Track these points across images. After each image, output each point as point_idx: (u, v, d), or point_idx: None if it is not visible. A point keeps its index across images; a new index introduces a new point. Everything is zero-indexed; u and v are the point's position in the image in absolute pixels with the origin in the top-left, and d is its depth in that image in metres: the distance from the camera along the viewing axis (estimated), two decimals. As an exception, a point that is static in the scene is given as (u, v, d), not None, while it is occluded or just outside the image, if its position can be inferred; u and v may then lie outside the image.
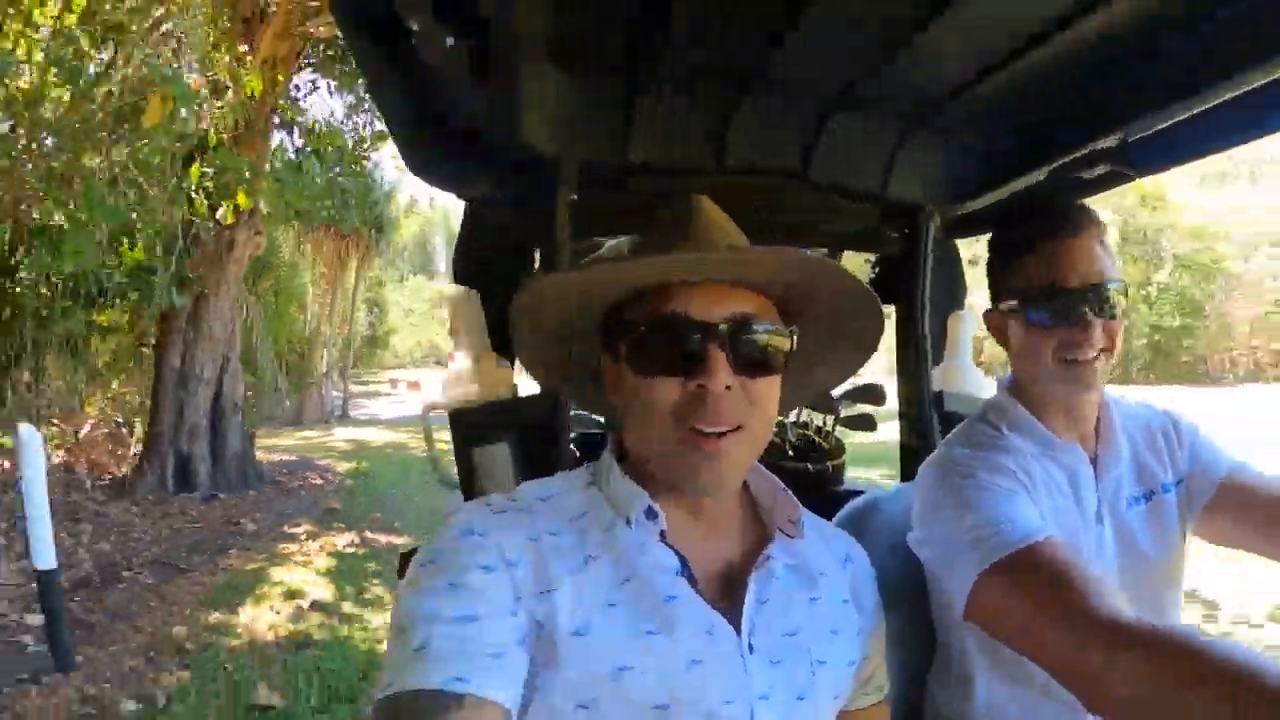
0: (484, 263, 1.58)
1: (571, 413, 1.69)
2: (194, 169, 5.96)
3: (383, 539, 6.86)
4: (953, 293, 1.99)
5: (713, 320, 0.87)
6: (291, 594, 5.28)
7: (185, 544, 6.31)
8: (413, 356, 47.18)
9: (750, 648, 0.88)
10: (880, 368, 2.93)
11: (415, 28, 1.10)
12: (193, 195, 6.13)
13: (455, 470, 1.53)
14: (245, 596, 5.21)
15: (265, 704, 3.62)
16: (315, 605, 5.10)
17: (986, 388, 1.91)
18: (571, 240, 1.51)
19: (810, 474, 2.19)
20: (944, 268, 1.95)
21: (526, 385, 1.55)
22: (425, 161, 1.45)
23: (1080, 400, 1.27)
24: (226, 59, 6.10)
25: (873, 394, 2.46)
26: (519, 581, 0.83)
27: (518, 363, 1.59)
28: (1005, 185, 1.68)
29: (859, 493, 1.95)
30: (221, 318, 7.86)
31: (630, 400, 0.92)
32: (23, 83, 4.28)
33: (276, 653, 4.30)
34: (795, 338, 0.94)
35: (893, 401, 2.17)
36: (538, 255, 1.69)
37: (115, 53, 5.04)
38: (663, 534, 0.91)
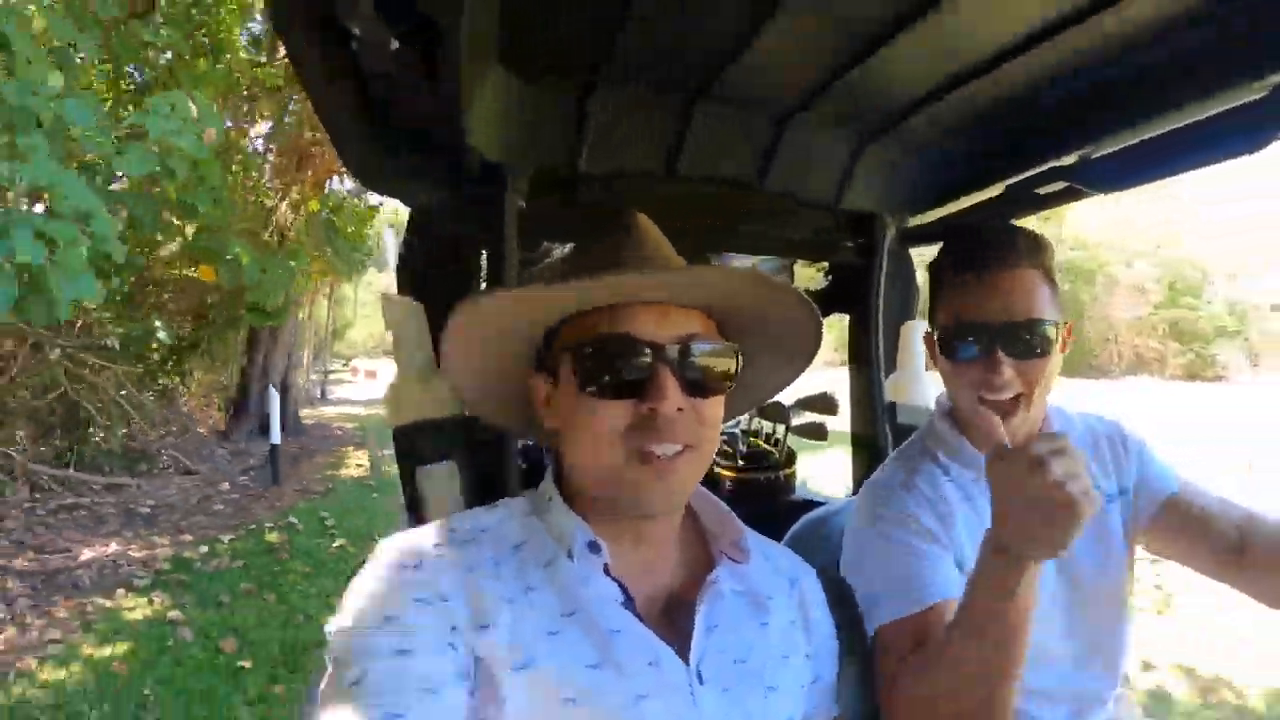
0: (429, 273, 1.49)
1: None
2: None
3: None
4: (906, 303, 2.00)
5: (661, 341, 0.86)
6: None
7: (290, 454, 9.84)
8: (365, 346, 49.72)
9: (700, 677, 0.87)
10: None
11: (358, 31, 1.04)
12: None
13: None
14: (340, 468, 9.65)
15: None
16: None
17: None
18: (520, 249, 1.46)
19: (761, 483, 2.18)
20: (898, 278, 1.96)
21: None
22: (370, 167, 1.37)
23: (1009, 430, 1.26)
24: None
25: (826, 403, 2.46)
26: (455, 615, 0.81)
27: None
28: (962, 198, 1.69)
29: (810, 501, 1.95)
30: (290, 330, 11.79)
31: (575, 422, 0.89)
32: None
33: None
34: (740, 357, 0.93)
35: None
36: (484, 264, 1.62)
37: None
38: (606, 567, 0.89)
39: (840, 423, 2.30)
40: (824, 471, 6.63)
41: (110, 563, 5.02)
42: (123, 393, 7.45)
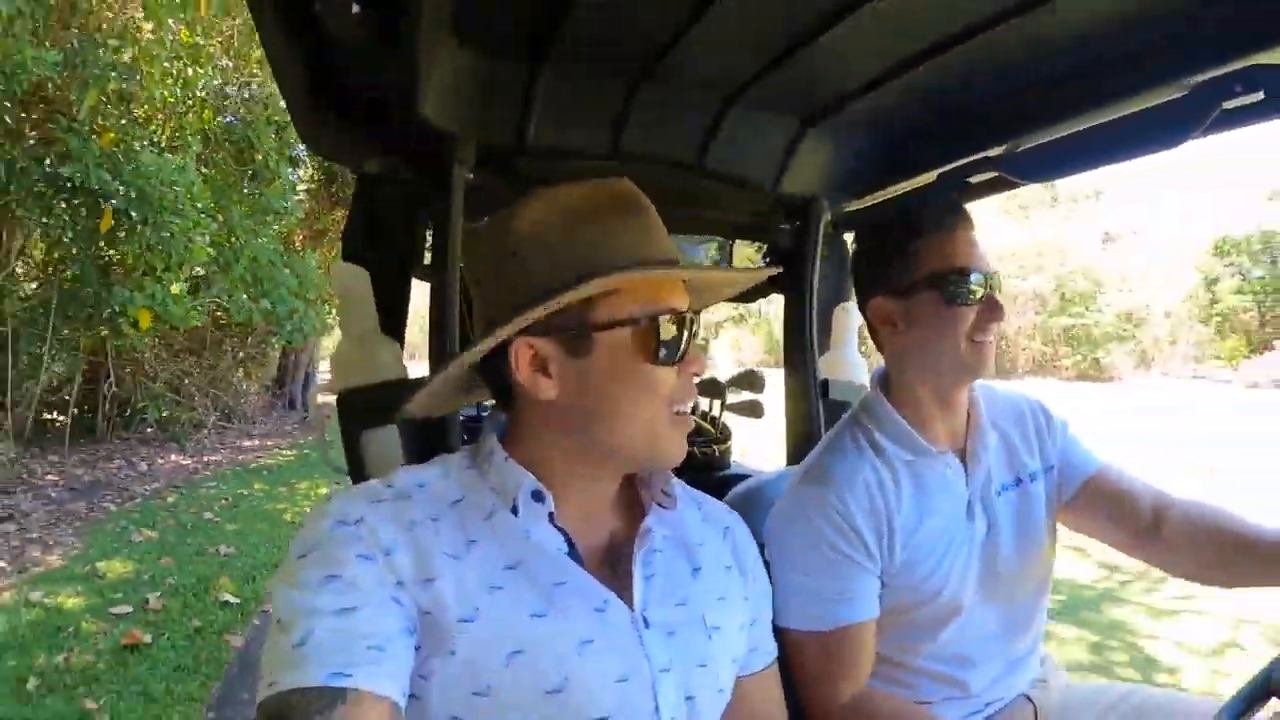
0: (374, 240, 1.49)
1: None
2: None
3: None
4: (839, 285, 2.08)
5: (689, 313, 0.95)
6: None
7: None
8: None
9: (645, 622, 0.91)
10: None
11: None
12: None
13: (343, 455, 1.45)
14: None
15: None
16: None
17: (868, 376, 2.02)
18: (464, 219, 1.47)
19: (698, 458, 2.23)
20: (832, 261, 2.04)
21: (415, 367, 1.51)
22: (320, 132, 1.36)
23: (960, 391, 1.35)
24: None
25: (752, 380, 2.54)
26: (399, 569, 0.82)
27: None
28: (896, 184, 1.77)
29: (744, 475, 2.01)
30: (311, 344, 13.79)
31: (626, 392, 0.90)
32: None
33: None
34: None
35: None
36: (429, 235, 1.62)
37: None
38: (550, 516, 0.92)
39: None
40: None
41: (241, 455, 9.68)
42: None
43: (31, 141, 5.72)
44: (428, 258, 1.60)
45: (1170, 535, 1.34)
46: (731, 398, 2.56)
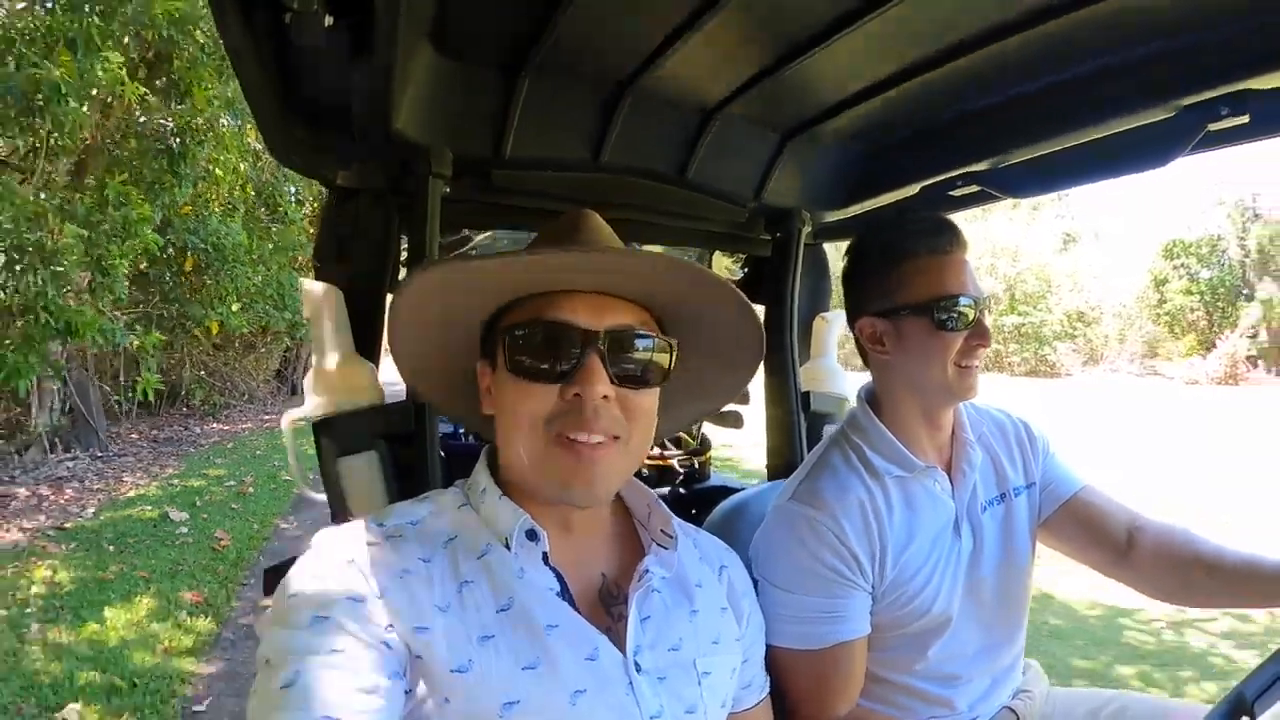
0: (347, 255, 1.43)
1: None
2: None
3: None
4: (820, 295, 2.07)
5: (594, 328, 0.87)
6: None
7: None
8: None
9: (637, 667, 0.88)
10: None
11: (294, 5, 0.99)
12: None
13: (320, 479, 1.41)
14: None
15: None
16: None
17: (851, 387, 2.01)
18: (440, 233, 1.43)
19: (678, 469, 2.21)
20: (812, 272, 2.03)
21: (391, 391, 1.45)
22: (290, 145, 1.31)
23: (945, 412, 1.35)
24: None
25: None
26: (390, 613, 0.80)
27: (382, 366, 1.46)
28: (879, 196, 1.77)
29: (725, 487, 1.99)
30: None
31: (505, 406, 0.90)
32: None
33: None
34: (676, 351, 0.93)
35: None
36: (404, 250, 1.57)
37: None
38: (545, 555, 0.89)
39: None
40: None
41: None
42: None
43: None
44: (403, 273, 1.55)
45: (1141, 558, 1.37)
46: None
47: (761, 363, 1.09)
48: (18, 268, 5.29)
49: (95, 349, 7.90)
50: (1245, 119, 1.19)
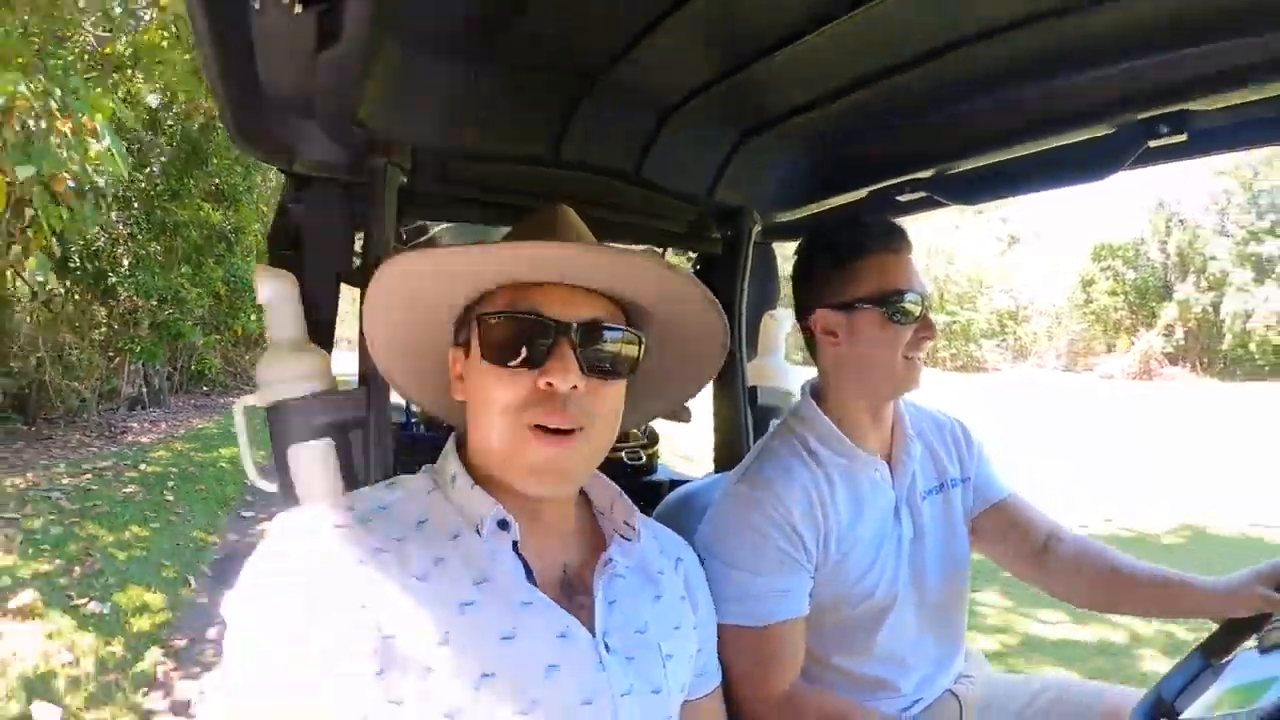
0: (302, 243, 1.41)
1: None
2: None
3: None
4: (767, 293, 2.11)
5: (567, 320, 0.89)
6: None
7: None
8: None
9: (607, 647, 0.91)
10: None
11: None
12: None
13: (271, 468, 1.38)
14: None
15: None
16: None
17: (797, 382, 2.06)
18: (396, 225, 1.43)
19: (626, 464, 2.23)
20: (761, 270, 2.07)
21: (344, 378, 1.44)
22: (250, 130, 1.27)
23: (889, 403, 1.42)
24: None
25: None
26: (360, 594, 0.81)
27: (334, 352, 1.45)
28: (828, 199, 1.81)
29: (673, 480, 2.02)
30: None
31: (477, 394, 0.92)
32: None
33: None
34: (644, 343, 0.96)
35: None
36: (359, 240, 1.55)
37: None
38: (514, 544, 0.91)
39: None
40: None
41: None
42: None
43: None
44: (357, 263, 1.53)
45: (1057, 566, 1.48)
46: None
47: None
48: (164, 306, 10.36)
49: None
50: (1183, 138, 1.25)
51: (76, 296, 9.59)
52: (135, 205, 10.00)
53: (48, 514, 5.04)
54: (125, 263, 9.91)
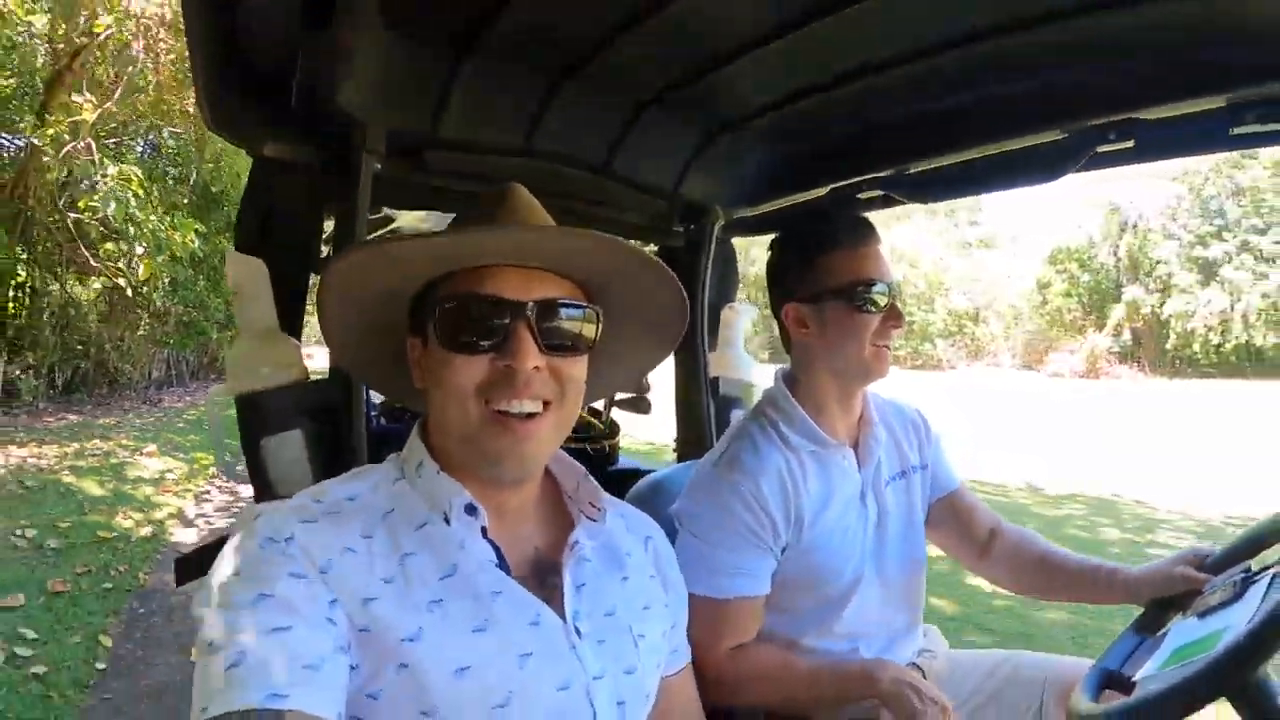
0: (272, 229, 1.39)
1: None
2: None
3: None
4: (728, 287, 2.15)
5: (522, 300, 0.88)
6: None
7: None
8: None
9: (578, 632, 0.90)
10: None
11: None
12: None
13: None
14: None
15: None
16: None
17: (757, 373, 2.10)
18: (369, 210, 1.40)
19: (589, 455, 2.24)
20: (722, 264, 2.10)
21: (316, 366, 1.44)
22: (225, 112, 1.26)
23: (858, 392, 1.47)
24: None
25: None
26: (333, 587, 0.80)
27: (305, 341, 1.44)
28: (790, 196, 1.85)
29: (635, 470, 2.04)
30: None
31: (437, 379, 0.90)
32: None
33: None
34: (601, 318, 0.96)
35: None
36: (329, 225, 1.53)
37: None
38: (483, 529, 0.90)
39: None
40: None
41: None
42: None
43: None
44: (325, 250, 1.51)
45: (997, 556, 1.59)
46: (619, 394, 2.57)
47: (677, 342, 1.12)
48: (190, 310, 13.28)
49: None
50: (1130, 144, 1.32)
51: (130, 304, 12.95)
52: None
53: (134, 432, 9.48)
54: (166, 281, 11.58)
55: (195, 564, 1.31)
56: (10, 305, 10.94)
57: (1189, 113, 1.26)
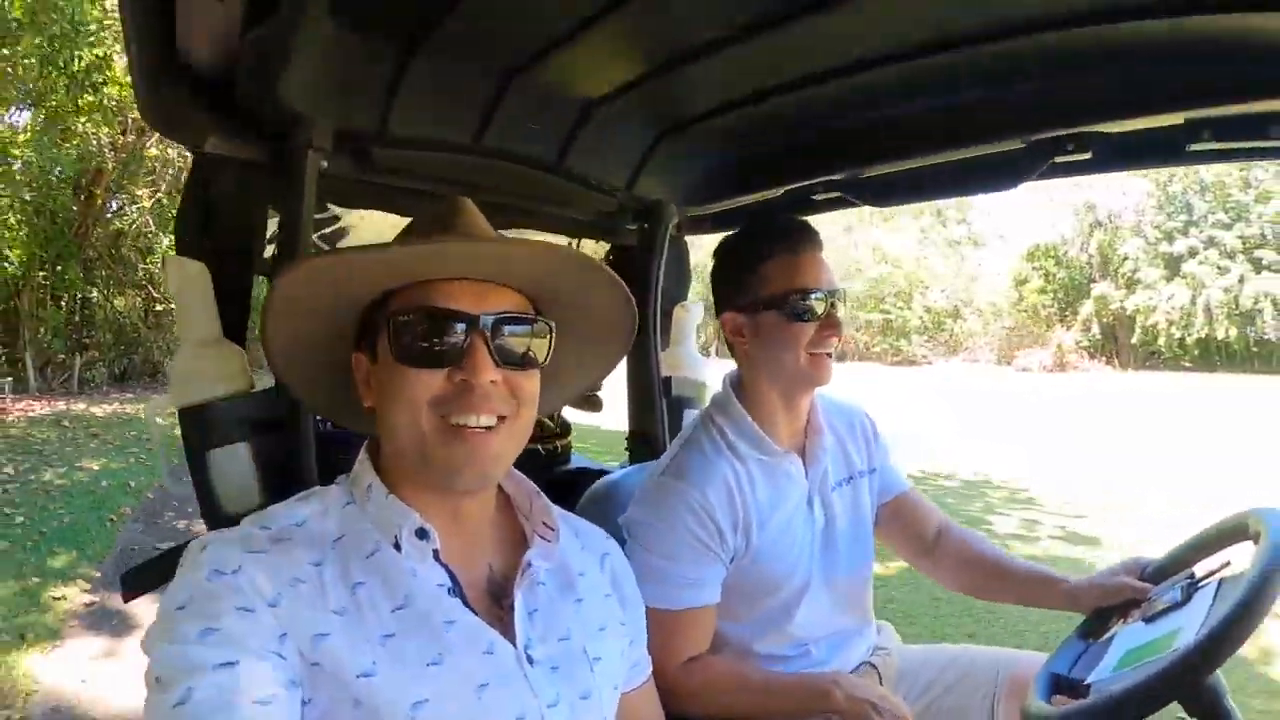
0: (214, 229, 1.35)
1: None
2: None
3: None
4: (679, 285, 2.15)
5: (477, 313, 0.87)
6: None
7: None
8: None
9: (530, 659, 0.89)
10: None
11: None
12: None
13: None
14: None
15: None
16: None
17: (708, 372, 2.10)
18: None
19: (541, 455, 2.23)
20: (674, 263, 2.10)
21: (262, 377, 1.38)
22: (164, 107, 1.22)
23: (803, 399, 1.47)
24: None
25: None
26: (284, 620, 0.78)
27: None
28: (744, 195, 1.85)
29: (587, 470, 2.03)
30: None
31: (389, 394, 0.89)
32: None
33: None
34: (554, 331, 0.96)
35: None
36: (272, 226, 1.49)
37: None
38: (435, 553, 0.89)
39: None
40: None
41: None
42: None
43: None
44: (269, 250, 1.47)
45: (942, 556, 1.62)
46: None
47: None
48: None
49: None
50: (1087, 155, 1.35)
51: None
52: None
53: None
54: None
55: (141, 578, 1.29)
56: (78, 318, 14.97)
57: (1147, 127, 1.29)
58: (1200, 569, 1.24)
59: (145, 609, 1.35)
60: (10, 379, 12.36)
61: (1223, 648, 0.95)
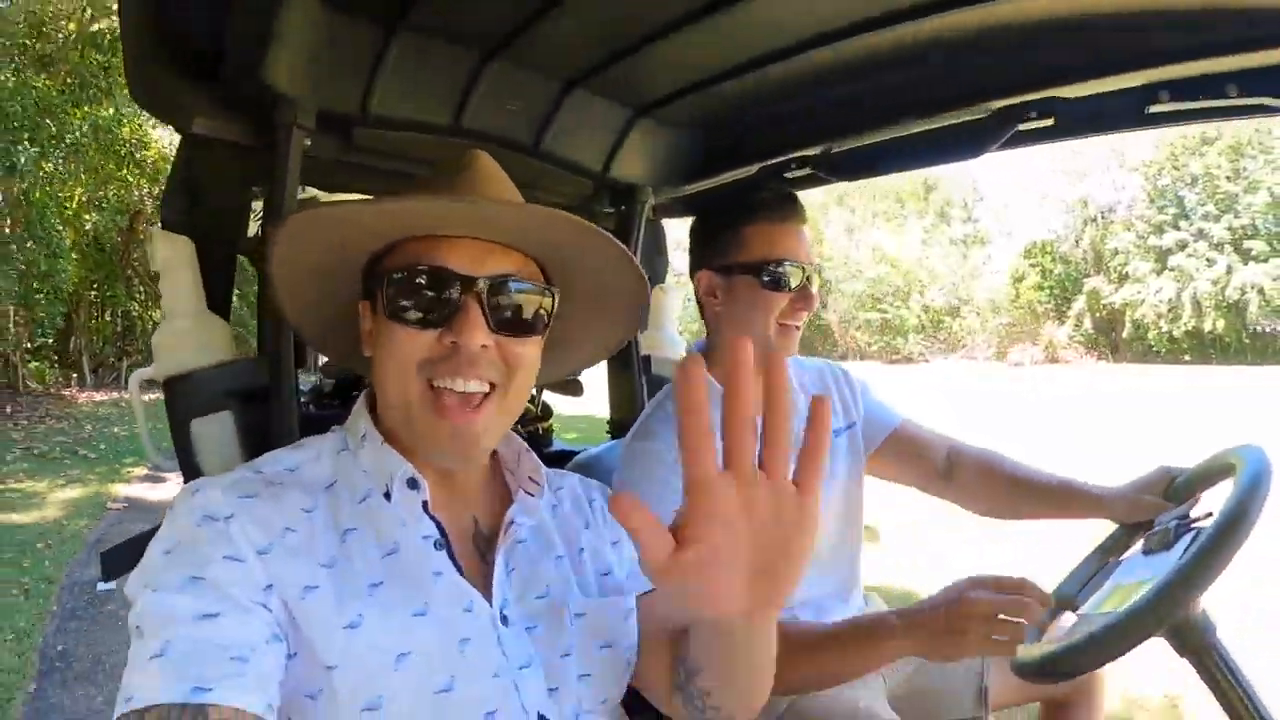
0: (200, 207, 1.37)
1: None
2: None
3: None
4: (657, 268, 2.17)
5: (474, 275, 0.85)
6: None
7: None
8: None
9: (505, 619, 0.88)
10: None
11: None
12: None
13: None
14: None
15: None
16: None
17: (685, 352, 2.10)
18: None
19: (522, 437, 2.22)
20: (651, 245, 2.11)
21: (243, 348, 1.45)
22: (153, 87, 1.25)
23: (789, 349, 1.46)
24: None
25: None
26: (272, 572, 0.77)
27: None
28: (719, 175, 1.87)
29: (569, 452, 2.04)
30: None
31: (382, 351, 0.88)
32: None
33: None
34: (557, 298, 0.93)
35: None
36: (257, 204, 1.51)
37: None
38: (425, 504, 0.88)
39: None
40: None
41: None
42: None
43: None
44: (253, 228, 1.49)
45: (963, 478, 1.58)
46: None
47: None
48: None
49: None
50: (1050, 121, 1.37)
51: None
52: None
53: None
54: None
55: (123, 557, 1.29)
56: (120, 328, 17.50)
57: (1106, 91, 1.30)
58: (1198, 510, 1.23)
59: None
60: (75, 375, 15.44)
61: (1189, 591, 0.94)
